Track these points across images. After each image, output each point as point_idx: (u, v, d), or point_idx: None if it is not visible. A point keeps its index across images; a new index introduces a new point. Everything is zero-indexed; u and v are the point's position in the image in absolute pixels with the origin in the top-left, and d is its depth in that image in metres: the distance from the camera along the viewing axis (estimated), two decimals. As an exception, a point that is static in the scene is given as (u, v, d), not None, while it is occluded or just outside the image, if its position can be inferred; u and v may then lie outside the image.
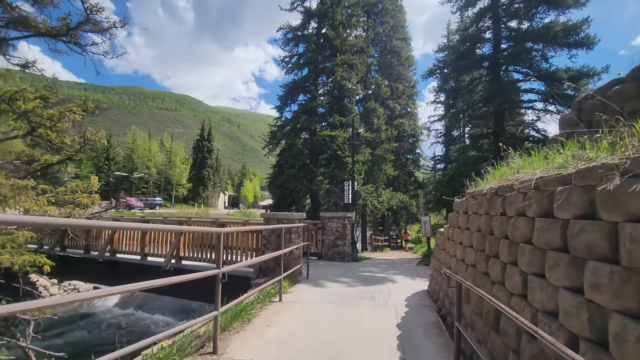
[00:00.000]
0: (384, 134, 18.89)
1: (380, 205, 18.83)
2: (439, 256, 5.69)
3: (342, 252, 10.94)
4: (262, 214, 8.47)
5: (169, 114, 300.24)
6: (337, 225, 11.13)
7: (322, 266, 9.71)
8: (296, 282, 7.34)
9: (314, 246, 11.49)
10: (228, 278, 8.64)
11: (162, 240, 10.26)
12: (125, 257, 10.78)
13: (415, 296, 6.12)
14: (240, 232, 8.72)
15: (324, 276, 8.07)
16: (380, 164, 18.85)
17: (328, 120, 16.90)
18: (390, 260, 12.55)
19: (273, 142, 17.89)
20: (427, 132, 26.60)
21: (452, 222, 5.01)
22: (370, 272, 8.98)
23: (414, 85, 26.88)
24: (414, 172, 30.61)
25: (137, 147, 54.76)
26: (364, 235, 22.07)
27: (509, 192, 2.86)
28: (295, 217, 8.00)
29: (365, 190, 17.09)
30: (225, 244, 9.05)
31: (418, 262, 11.63)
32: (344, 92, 17.51)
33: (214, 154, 67.75)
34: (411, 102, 26.58)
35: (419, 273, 8.94)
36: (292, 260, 7.86)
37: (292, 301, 5.65)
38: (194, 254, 9.60)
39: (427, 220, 13.72)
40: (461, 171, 13.99)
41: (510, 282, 2.60)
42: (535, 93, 13.27)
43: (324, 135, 15.56)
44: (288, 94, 17.89)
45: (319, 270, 8.96)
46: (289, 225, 7.60)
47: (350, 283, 7.35)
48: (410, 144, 27.97)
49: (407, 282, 7.69)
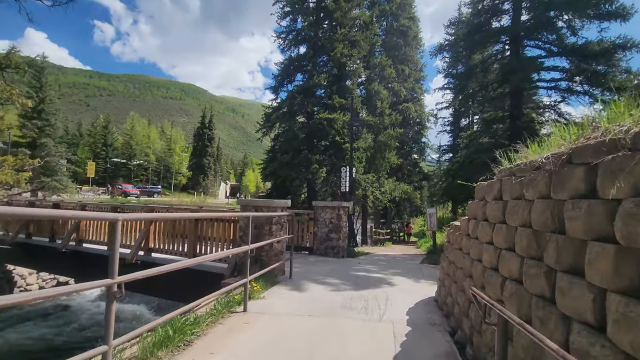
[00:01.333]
0: (387, 119, 17.41)
1: (382, 196, 17.48)
2: (453, 257, 4.37)
3: (335, 247, 9.66)
4: (239, 199, 7.17)
5: (174, 102, 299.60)
6: (331, 216, 9.83)
7: (311, 263, 8.43)
8: (274, 283, 6.06)
9: (305, 239, 10.21)
10: (195, 275, 7.19)
11: (133, 229, 9.06)
12: (92, 247, 9.61)
13: (420, 307, 4.81)
14: (207, 220, 7.48)
15: (310, 276, 6.79)
16: (383, 151, 17.42)
17: (327, 102, 15.47)
18: (390, 257, 11.26)
19: (267, 126, 16.49)
20: (434, 119, 25.01)
21: (473, 212, 3.67)
22: (366, 271, 7.69)
23: (421, 68, 25.19)
24: (418, 162, 29.14)
25: (135, 133, 53.61)
26: (364, 227, 20.79)
27: (612, 151, 1.51)
28: (276, 205, 6.69)
29: (366, 179, 15.71)
30: (199, 234, 7.83)
31: (422, 260, 10.32)
32: (345, 71, 16.01)
33: (215, 142, 66.50)
34: (418, 87, 24.94)
35: (424, 274, 7.63)
36: (271, 256, 6.59)
37: (260, 312, 4.37)
38: (167, 246, 8.37)
39: (433, 212, 12.37)
40: (472, 159, 12.57)
41: (624, 333, 1.26)
42: (559, 71, 11.73)
43: (322, 119, 14.14)
44: (284, 74, 16.42)
45: (307, 267, 7.68)
46: (266, 214, 6.31)
47: (339, 286, 6.05)
48: (415, 132, 26.43)
49: (409, 285, 6.38)
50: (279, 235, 6.75)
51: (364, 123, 10.35)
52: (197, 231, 7.85)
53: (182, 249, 8.09)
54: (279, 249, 6.73)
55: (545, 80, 11.96)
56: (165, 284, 8.21)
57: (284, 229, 6.95)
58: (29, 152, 24.39)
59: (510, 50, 12.35)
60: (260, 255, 6.67)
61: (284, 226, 6.95)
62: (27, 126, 25.24)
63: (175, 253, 8.24)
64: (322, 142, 16.79)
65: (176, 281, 7.77)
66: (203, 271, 7.38)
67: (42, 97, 26.63)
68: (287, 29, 16.82)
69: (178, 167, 56.63)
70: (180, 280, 7.80)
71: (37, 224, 11.05)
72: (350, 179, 11.29)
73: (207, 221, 7.77)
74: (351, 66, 16.03)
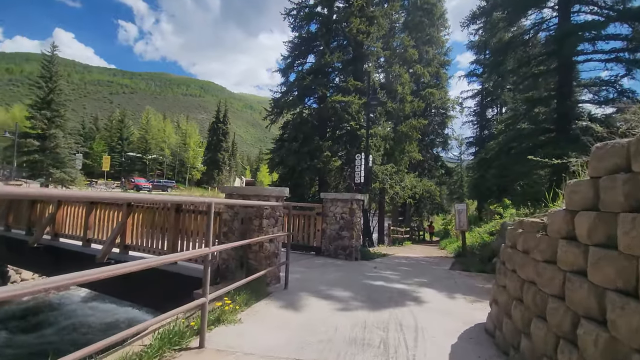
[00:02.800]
0: (408, 106, 15.60)
1: (402, 192, 15.75)
2: (526, 274, 2.75)
3: (347, 247, 8.11)
4: (222, 187, 5.72)
5: (193, 99, 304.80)
6: (342, 210, 8.28)
7: (317, 266, 6.92)
8: (263, 296, 4.59)
9: (312, 238, 8.71)
10: (172, 279, 5.83)
11: (110, 221, 7.83)
12: (68, 242, 8.43)
13: (466, 344, 3.21)
14: (188, 211, 6.12)
15: (312, 285, 5.28)
16: (403, 143, 15.66)
17: (340, 85, 13.87)
18: (412, 260, 9.61)
19: (275, 112, 15.04)
20: (459, 107, 22.92)
21: (581, 200, 2.05)
22: (384, 279, 6.11)
23: (447, 52, 23.12)
24: (440, 156, 27.10)
25: (151, 127, 53.49)
26: (381, 225, 19.10)
27: None
28: (268, 193, 5.20)
29: (384, 171, 14.02)
30: (181, 227, 6.48)
31: (452, 265, 8.63)
32: (362, 51, 14.32)
33: (229, 137, 65.88)
34: (443, 72, 22.86)
35: (457, 284, 5.98)
36: (261, 259, 5.11)
37: (225, 349, 2.89)
38: (148, 243, 7.05)
39: (463, 209, 10.60)
40: (510, 147, 10.71)
41: None
42: (620, 40, 9.68)
43: (335, 102, 12.58)
44: (294, 54, 14.87)
45: (310, 273, 6.18)
46: (254, 204, 4.85)
47: (349, 302, 4.51)
48: (438, 122, 24.38)
49: (443, 302, 4.77)
50: (273, 232, 5.27)
51: (382, 102, 8.71)
52: (178, 225, 6.49)
53: (163, 246, 6.78)
54: (271, 249, 5.25)
55: (604, 51, 9.92)
56: (140, 288, 6.92)
57: (279, 224, 5.46)
58: (38, 143, 23.89)
59: (558, 17, 10.37)
60: (247, 258, 5.22)
61: (278, 221, 5.45)
62: (36, 117, 24.81)
63: (154, 251, 6.93)
64: (336, 131, 15.22)
65: (152, 286, 6.47)
66: (180, 274, 6.03)
67: (52, 88, 26.18)
68: (297, 5, 15.23)
69: (192, 161, 56.25)
70: (155, 284, 6.49)
71: (15, 214, 10.02)
72: (366, 168, 9.68)
73: (189, 213, 6.40)
74: (369, 46, 14.31)
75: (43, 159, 24.50)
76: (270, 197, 5.22)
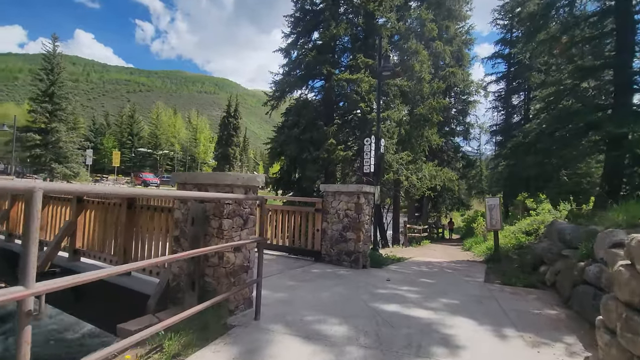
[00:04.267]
0: (427, 87, 13.72)
1: (419, 184, 13.93)
2: None
3: (353, 252, 6.47)
4: (173, 173, 4.16)
5: (208, 96, 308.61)
6: (346, 206, 6.64)
7: (312, 278, 5.33)
8: (215, 336, 3.04)
9: (310, 240, 7.12)
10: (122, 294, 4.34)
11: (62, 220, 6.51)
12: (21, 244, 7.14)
13: None
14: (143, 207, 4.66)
15: (297, 312, 3.70)
16: (421, 127, 13.81)
17: (349, 63, 12.16)
18: (435, 266, 7.90)
19: (276, 96, 13.45)
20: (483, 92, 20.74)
21: None
22: (399, 298, 4.45)
23: (469, 30, 20.92)
24: (461, 146, 24.98)
25: (161, 123, 52.95)
26: (395, 223, 17.33)
27: None
28: (231, 182, 3.61)
29: (399, 160, 12.26)
30: (135, 227, 5.05)
31: (486, 274, 6.88)
32: (373, 23, 12.50)
33: (240, 131, 64.92)
34: (465, 52, 20.67)
35: (503, 309, 4.25)
36: (220, 277, 3.58)
37: None
38: (100, 247, 5.65)
39: (496, 204, 8.78)
40: (554, 128, 8.79)
41: None
42: None
43: (342, 80, 10.90)
44: (296, 30, 13.15)
45: (300, 290, 4.59)
46: (211, 197, 3.29)
47: (344, 346, 2.88)
48: (459, 110, 22.25)
49: (489, 347, 3.06)
50: (240, 236, 3.72)
51: (396, 71, 7.05)
52: (131, 225, 5.03)
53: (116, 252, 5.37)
54: (237, 262, 3.68)
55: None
56: (91, 304, 5.54)
57: (250, 225, 3.89)
58: (39, 137, 23.14)
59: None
60: (202, 274, 3.69)
61: (249, 221, 3.88)
62: (37, 110, 24.08)
63: (105, 258, 5.53)
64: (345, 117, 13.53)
65: (102, 302, 5.12)
66: (130, 289, 4.60)
67: (53, 80, 25.44)
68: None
69: (203, 156, 55.50)
70: (106, 300, 5.13)
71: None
72: (377, 155, 8.00)
73: (144, 210, 4.92)
74: (381, 16, 12.47)
75: (45, 153, 23.81)
76: (234, 186, 3.64)
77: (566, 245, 5.53)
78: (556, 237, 6.06)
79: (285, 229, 7.34)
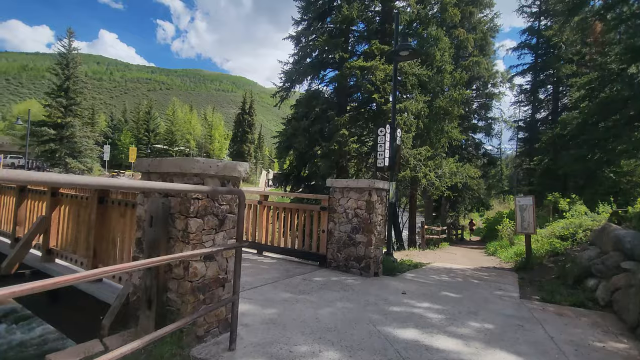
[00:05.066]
0: (448, 77, 12.62)
1: (439, 182, 12.87)
2: None
3: (363, 257, 5.61)
4: (137, 160, 3.40)
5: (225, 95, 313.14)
6: (356, 204, 5.78)
7: (312, 289, 4.51)
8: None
9: (315, 242, 6.30)
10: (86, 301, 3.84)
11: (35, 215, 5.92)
12: (0, 240, 6.63)
13: None
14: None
15: (286, 339, 2.88)
16: (441, 121, 12.74)
17: (364, 50, 11.23)
18: (458, 274, 6.93)
19: (284, 88, 12.66)
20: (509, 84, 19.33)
21: None
22: (417, 320, 3.56)
23: (494, 17, 19.49)
24: (482, 142, 23.56)
25: (177, 119, 53.23)
26: (412, 223, 16.28)
27: None
28: (200, 170, 2.82)
29: (417, 155, 11.26)
30: (107, 225, 4.38)
31: (521, 287, 5.87)
32: (389, 7, 11.51)
33: (255, 128, 64.71)
34: (490, 39, 19.26)
35: (554, 339, 3.29)
36: (187, 292, 2.78)
37: None
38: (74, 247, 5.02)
39: (529, 204, 7.71)
40: (600, 118, 7.62)
41: None
42: None
43: (354, 67, 9.99)
44: (307, 14, 12.24)
45: (296, 306, 3.77)
46: (167, 187, 2.46)
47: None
48: (480, 104, 20.88)
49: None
50: (212, 240, 2.93)
51: (414, 50, 6.10)
52: (104, 222, 4.34)
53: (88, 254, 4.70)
54: (208, 274, 2.89)
55: None
56: (65, 311, 4.96)
57: (228, 226, 3.10)
58: (53, 131, 23.19)
59: None
60: (164, 289, 2.92)
61: (226, 220, 3.08)
62: (52, 105, 24.17)
63: (76, 260, 4.91)
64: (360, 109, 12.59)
65: (76, 310, 4.53)
66: (97, 299, 3.96)
67: (68, 75, 25.53)
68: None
69: (218, 153, 55.50)
70: (78, 309, 4.53)
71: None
72: (392, 147, 7.08)
73: (115, 205, 4.22)
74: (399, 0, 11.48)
75: (59, 148, 23.88)
76: (205, 177, 2.86)
77: (626, 257, 4.50)
78: (610, 245, 5.03)
79: (287, 229, 6.57)
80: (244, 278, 4.89)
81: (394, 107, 7.02)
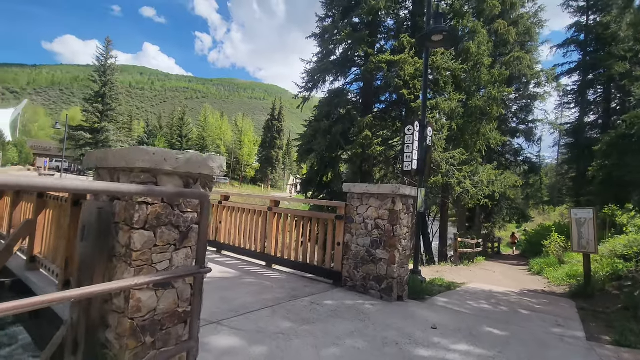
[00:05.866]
0: (486, 74, 11.39)
1: (474, 190, 11.58)
2: None
3: (385, 277, 4.69)
4: (88, 153, 2.75)
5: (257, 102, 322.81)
6: (377, 213, 4.88)
7: (319, 319, 3.66)
8: None
9: (329, 258, 5.46)
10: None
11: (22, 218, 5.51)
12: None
13: None
14: None
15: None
16: (477, 122, 11.51)
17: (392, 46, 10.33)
18: (501, 299, 5.80)
19: (308, 87, 11.99)
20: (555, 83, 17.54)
21: None
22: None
23: (538, 11, 17.75)
24: (522, 148, 21.64)
25: (208, 125, 54.51)
26: (442, 234, 14.94)
27: None
28: (152, 165, 2.11)
29: (450, 159, 10.10)
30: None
31: (584, 322, 4.69)
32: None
33: (284, 134, 64.98)
34: (535, 32, 17.50)
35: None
36: (125, 333, 2.03)
37: None
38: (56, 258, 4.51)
39: (589, 217, 6.42)
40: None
41: None
42: None
43: (381, 62, 9.10)
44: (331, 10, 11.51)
45: (294, 342, 2.95)
46: (109, 188, 1.68)
47: None
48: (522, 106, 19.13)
49: None
50: (168, 260, 2.20)
51: (450, 32, 5.15)
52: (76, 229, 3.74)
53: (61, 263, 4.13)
54: (161, 306, 2.15)
55: None
56: (46, 326, 4.41)
57: (191, 240, 2.36)
58: (89, 135, 24.05)
59: None
60: (103, 324, 2.21)
61: (191, 233, 2.34)
62: (89, 110, 25.18)
63: (53, 272, 4.37)
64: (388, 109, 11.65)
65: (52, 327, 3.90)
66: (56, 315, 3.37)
67: (105, 81, 26.57)
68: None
69: (247, 158, 56.12)
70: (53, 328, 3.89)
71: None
72: (422, 147, 6.12)
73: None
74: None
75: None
76: (157, 172, 2.14)
77: None
78: None
79: (298, 239, 5.79)
80: (242, 298, 4.16)
81: (424, 102, 6.08)
